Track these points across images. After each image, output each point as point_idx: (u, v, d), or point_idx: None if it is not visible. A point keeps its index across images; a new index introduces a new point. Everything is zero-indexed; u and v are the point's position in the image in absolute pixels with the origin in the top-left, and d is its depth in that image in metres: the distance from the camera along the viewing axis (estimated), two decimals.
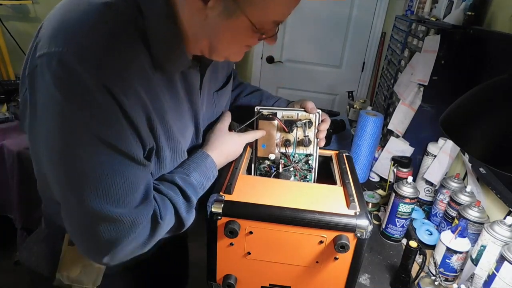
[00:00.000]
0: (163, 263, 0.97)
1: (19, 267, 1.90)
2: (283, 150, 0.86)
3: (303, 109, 0.85)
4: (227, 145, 0.79)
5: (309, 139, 0.85)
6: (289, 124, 0.83)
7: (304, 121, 0.84)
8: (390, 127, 1.37)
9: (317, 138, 0.86)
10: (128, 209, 0.55)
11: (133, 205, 0.56)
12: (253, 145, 0.87)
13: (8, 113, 1.91)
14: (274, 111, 0.84)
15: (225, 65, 0.85)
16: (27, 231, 1.77)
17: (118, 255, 0.58)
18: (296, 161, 0.87)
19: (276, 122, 0.84)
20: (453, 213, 1.00)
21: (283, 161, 0.86)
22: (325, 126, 0.86)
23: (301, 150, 0.86)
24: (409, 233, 1.08)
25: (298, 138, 0.85)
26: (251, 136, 0.84)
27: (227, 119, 0.85)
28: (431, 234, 1.06)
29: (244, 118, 0.91)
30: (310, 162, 0.87)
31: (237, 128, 0.85)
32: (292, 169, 0.87)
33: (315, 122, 0.85)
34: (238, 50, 0.65)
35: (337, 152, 0.94)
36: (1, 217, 1.84)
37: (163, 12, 0.56)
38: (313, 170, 0.88)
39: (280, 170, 0.86)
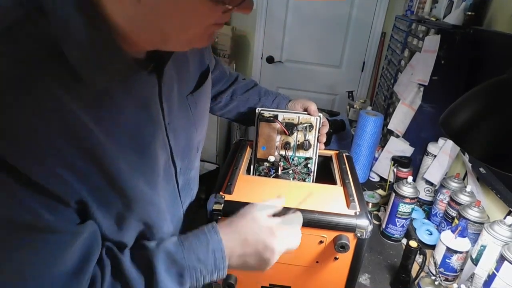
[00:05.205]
0: None
1: None
2: (282, 152, 0.86)
3: (305, 112, 0.84)
4: (251, 230, 0.58)
5: (309, 142, 0.84)
6: (290, 127, 0.83)
7: (305, 124, 0.83)
8: (390, 127, 1.37)
9: (318, 142, 0.85)
10: None
11: (59, 283, 0.43)
12: (253, 146, 0.87)
13: None
14: (276, 113, 0.83)
15: (196, 59, 0.68)
16: None
17: None
18: (296, 164, 0.87)
19: (277, 124, 0.84)
20: (453, 213, 1.00)
21: (282, 164, 0.86)
22: (325, 129, 0.86)
23: (301, 154, 0.86)
24: (409, 233, 1.08)
25: (298, 141, 0.85)
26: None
27: (272, 208, 0.64)
28: (431, 234, 1.06)
29: (244, 120, 0.90)
30: (309, 165, 0.87)
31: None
32: (291, 172, 0.87)
33: (316, 125, 0.84)
34: (201, 32, 0.45)
35: (337, 152, 0.94)
36: None
37: (70, 4, 0.39)
38: (312, 174, 0.88)
39: (279, 172, 0.86)
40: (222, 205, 0.67)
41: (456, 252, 0.87)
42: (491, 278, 0.74)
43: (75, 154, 0.42)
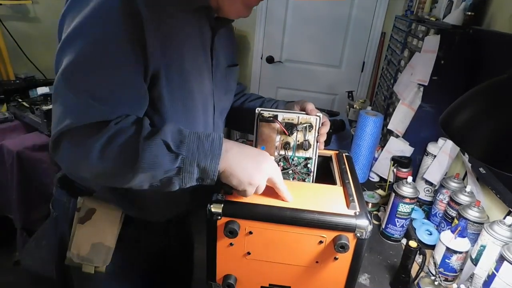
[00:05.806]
0: (169, 259, 0.99)
1: (19, 267, 1.91)
2: (282, 152, 0.86)
3: (303, 112, 0.84)
4: (251, 151, 0.70)
5: (309, 142, 0.84)
6: (290, 127, 0.83)
7: (304, 124, 0.83)
8: (390, 127, 1.37)
9: (317, 142, 0.85)
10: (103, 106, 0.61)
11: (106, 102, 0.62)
12: (252, 146, 0.87)
13: (8, 113, 1.90)
14: (275, 113, 0.83)
15: (229, 52, 0.91)
16: (27, 231, 1.77)
17: (67, 143, 0.61)
18: (295, 164, 0.87)
19: (276, 124, 0.84)
20: (452, 213, 1.00)
21: (282, 164, 0.86)
22: (325, 129, 0.86)
23: (301, 154, 0.86)
24: (409, 233, 1.08)
25: (298, 141, 0.85)
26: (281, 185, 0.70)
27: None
28: (431, 234, 1.06)
29: (247, 122, 0.91)
30: (309, 165, 0.87)
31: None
32: (290, 172, 0.87)
33: (316, 125, 0.84)
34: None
35: (337, 152, 0.94)
36: (1, 217, 1.84)
37: None
38: (311, 174, 0.88)
39: None
40: (222, 205, 0.67)
41: (455, 252, 0.87)
42: (490, 278, 0.74)
43: (165, 38, 0.67)
